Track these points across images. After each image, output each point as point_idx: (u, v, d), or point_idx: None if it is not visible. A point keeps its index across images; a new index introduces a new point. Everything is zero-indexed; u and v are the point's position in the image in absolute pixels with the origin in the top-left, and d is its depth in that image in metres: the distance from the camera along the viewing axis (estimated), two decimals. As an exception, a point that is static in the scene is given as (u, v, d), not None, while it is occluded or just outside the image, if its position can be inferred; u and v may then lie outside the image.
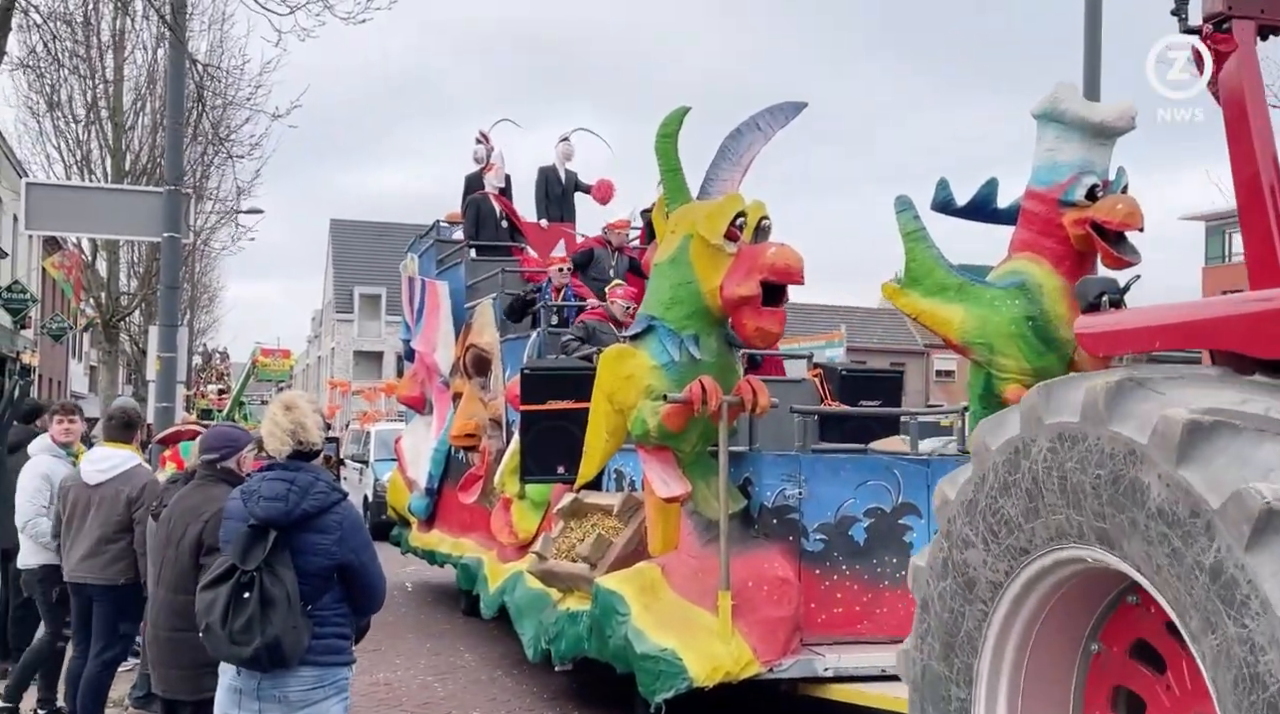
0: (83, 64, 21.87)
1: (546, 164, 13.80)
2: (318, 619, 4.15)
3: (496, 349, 10.96)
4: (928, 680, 3.74)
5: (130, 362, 32.02)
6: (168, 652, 4.96)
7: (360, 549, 4.24)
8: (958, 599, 3.56)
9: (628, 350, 6.74)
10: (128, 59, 22.65)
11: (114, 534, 6.78)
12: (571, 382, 8.55)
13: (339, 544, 4.13)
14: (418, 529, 13.18)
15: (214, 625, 4.05)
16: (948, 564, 3.60)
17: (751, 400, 6.45)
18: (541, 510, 9.67)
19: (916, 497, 6.77)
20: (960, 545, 3.51)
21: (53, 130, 22.71)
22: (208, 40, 22.81)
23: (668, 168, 6.74)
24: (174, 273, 12.58)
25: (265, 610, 3.99)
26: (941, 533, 3.66)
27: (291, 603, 4.01)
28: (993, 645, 3.47)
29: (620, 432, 6.80)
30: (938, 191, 6.99)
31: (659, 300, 6.69)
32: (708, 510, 6.81)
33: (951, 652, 3.62)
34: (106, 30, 22.07)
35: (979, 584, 3.47)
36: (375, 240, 64.15)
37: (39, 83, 22.03)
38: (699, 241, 6.51)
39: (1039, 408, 3.23)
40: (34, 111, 22.80)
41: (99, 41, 21.79)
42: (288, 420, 4.21)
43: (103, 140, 22.73)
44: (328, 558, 4.13)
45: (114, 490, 6.81)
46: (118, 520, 6.77)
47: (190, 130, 18.58)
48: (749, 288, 6.28)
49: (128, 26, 21.98)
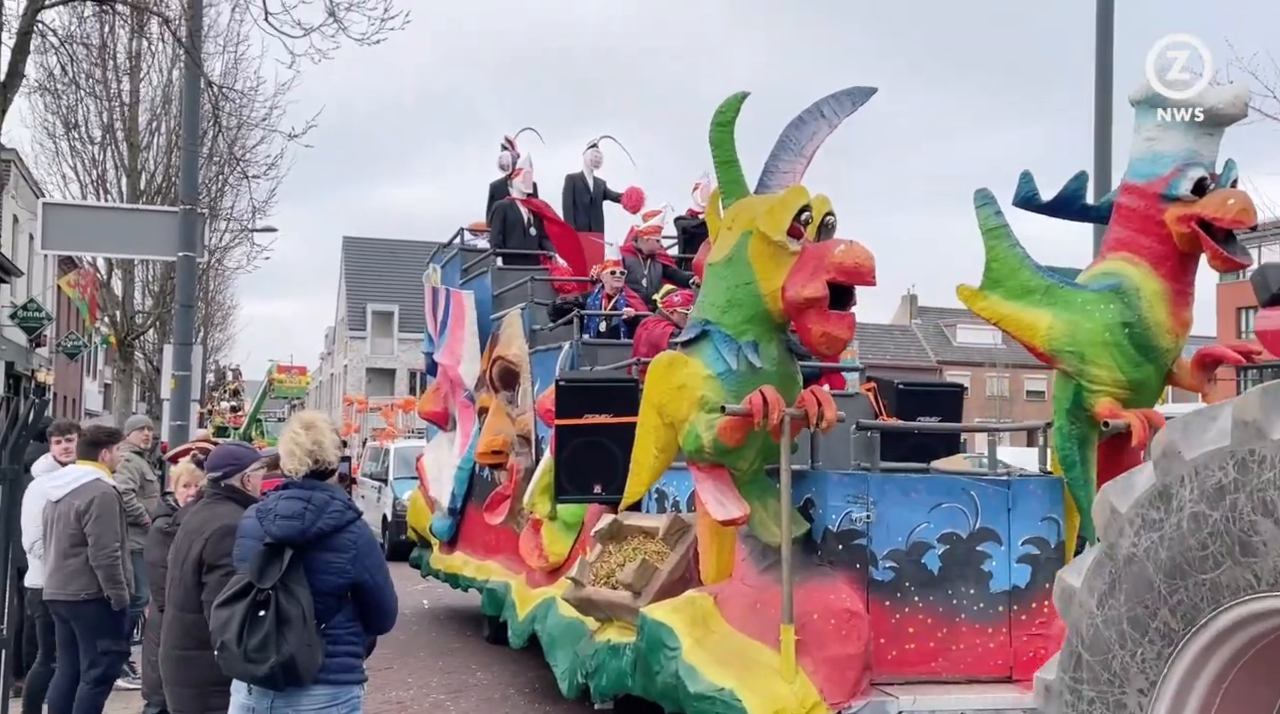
0: (99, 86, 22.12)
1: (574, 172, 13.28)
2: (331, 638, 4.18)
3: (525, 361, 10.36)
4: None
5: (145, 380, 32.21)
6: (178, 670, 4.96)
7: (374, 569, 4.26)
8: (1129, 630, 2.92)
9: (680, 358, 6.12)
10: (143, 80, 22.84)
11: (70, 549, 6.89)
12: (610, 394, 7.97)
13: (353, 563, 4.17)
14: (439, 551, 12.57)
15: (229, 643, 4.06)
16: (1116, 586, 2.95)
17: (816, 413, 5.83)
18: (574, 532, 9.07)
19: (996, 521, 6.13)
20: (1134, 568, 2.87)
21: (69, 151, 22.98)
22: (223, 62, 23.05)
23: (723, 159, 6.15)
24: (189, 292, 12.65)
25: (281, 629, 4.01)
26: (1104, 549, 3.02)
27: (307, 621, 4.04)
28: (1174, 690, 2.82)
29: (671, 447, 6.18)
30: (1021, 185, 6.39)
31: (714, 303, 6.08)
32: (765, 535, 6.19)
33: (1116, 687, 2.97)
34: (123, 52, 22.28)
35: (1161, 617, 2.83)
36: (388, 257, 64.54)
37: (56, 104, 22.30)
38: (758, 239, 5.91)
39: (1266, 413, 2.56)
40: (50, 132, 23.07)
41: (115, 63, 22.01)
42: (308, 439, 4.24)
43: (118, 160, 22.92)
44: (342, 576, 4.17)
45: (68, 505, 6.97)
46: (71, 535, 6.89)
47: (205, 150, 18.96)
48: (815, 289, 5.67)
49: (144, 48, 22.17)
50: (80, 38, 19.62)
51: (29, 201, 27.46)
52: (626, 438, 7.94)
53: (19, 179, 28.05)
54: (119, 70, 22.33)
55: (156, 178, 23.26)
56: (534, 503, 9.31)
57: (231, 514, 4.77)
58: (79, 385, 40.81)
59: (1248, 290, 5.05)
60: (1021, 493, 6.18)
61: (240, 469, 5.16)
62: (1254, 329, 3.71)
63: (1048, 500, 6.22)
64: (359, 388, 59.67)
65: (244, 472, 5.17)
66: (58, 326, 34.25)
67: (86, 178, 23.11)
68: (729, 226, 6.09)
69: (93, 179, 23.12)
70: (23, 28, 11.04)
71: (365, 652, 4.43)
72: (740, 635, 5.95)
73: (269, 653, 3.99)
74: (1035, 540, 6.15)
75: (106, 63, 21.89)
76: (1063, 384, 6.09)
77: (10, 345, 29.23)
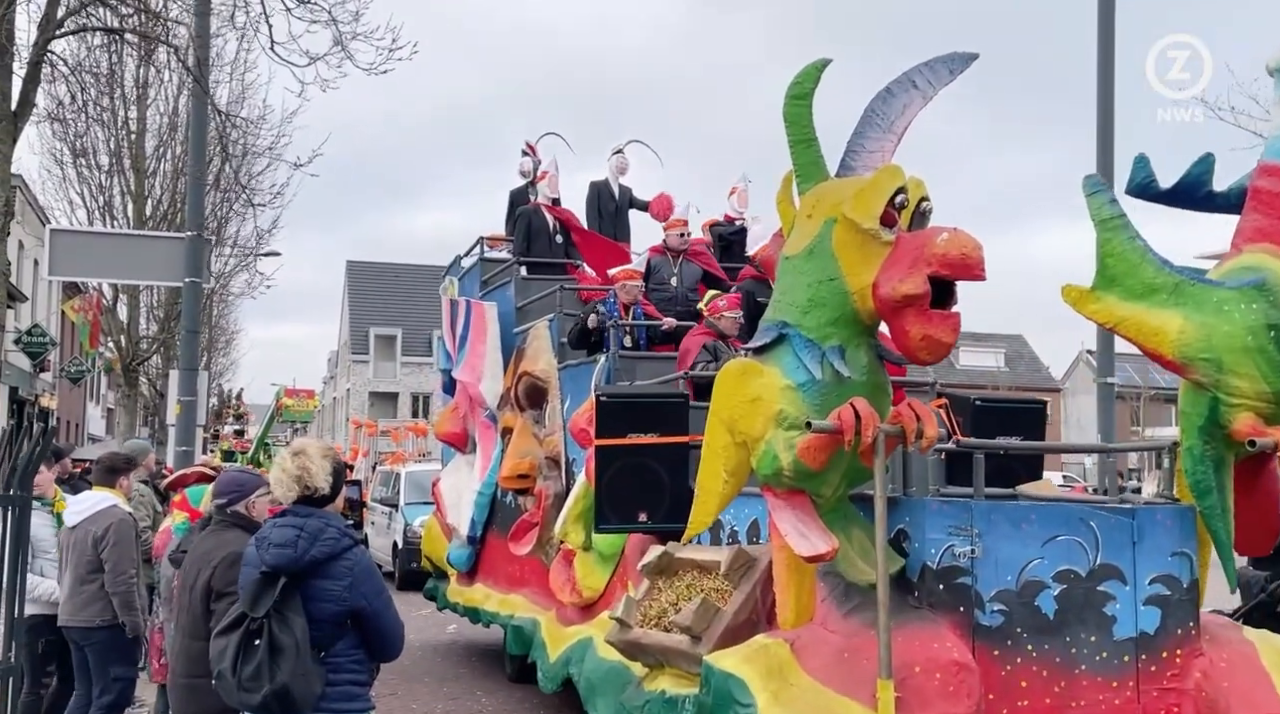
0: (106, 114, 22.33)
1: (598, 178, 12.51)
2: (332, 666, 4.18)
3: (554, 377, 9.54)
4: None
5: (149, 405, 32.07)
6: (185, 698, 4.98)
7: (372, 595, 4.25)
8: None
9: (753, 366, 5.27)
10: (150, 106, 23.14)
11: (87, 575, 6.97)
12: (656, 411, 7.17)
13: (350, 590, 4.16)
14: (457, 582, 11.73)
15: (225, 673, 4.10)
16: None
17: (915, 430, 4.99)
18: (611, 565, 8.24)
19: (1119, 556, 5.28)
20: None
21: (76, 177, 23.27)
22: (229, 89, 23.36)
23: (799, 137, 5.33)
24: (194, 317, 12.72)
25: (274, 657, 4.01)
26: None
27: (300, 650, 4.03)
28: None
29: (742, 471, 5.32)
30: (1135, 171, 5.57)
31: (793, 303, 5.23)
32: (850, 572, 5.34)
33: None
34: (130, 80, 22.43)
35: None
36: (391, 281, 65.42)
37: (64, 131, 22.51)
38: (845, 227, 5.08)
39: None
40: (58, 159, 23.36)
41: (124, 91, 22.16)
42: (295, 466, 4.25)
43: (125, 187, 23.00)
44: (339, 604, 4.16)
45: (84, 531, 7.03)
46: (88, 561, 6.96)
47: (212, 177, 19.06)
48: (914, 285, 4.84)
49: (151, 76, 22.31)
50: (89, 67, 19.87)
51: (35, 228, 27.66)
52: (675, 460, 7.15)
53: (25, 206, 28.28)
54: (126, 98, 22.51)
55: (163, 204, 23.44)
56: (566, 532, 8.49)
57: (238, 541, 4.75)
58: (82, 410, 41.12)
59: None
60: (1148, 524, 5.33)
61: (245, 495, 5.20)
62: None
63: (1178, 532, 5.37)
64: (362, 412, 59.45)
65: (249, 498, 5.20)
66: (62, 351, 34.63)
67: (93, 204, 23.28)
68: (808, 214, 5.26)
69: (99, 205, 23.27)
70: (33, 58, 11.02)
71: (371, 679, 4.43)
72: (826, 690, 5.09)
73: (262, 682, 3.99)
74: (1165, 579, 5.30)
75: (115, 90, 22.03)
76: (1194, 398, 5.25)
77: (14, 370, 29.27)
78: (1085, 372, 55.17)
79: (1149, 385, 51.73)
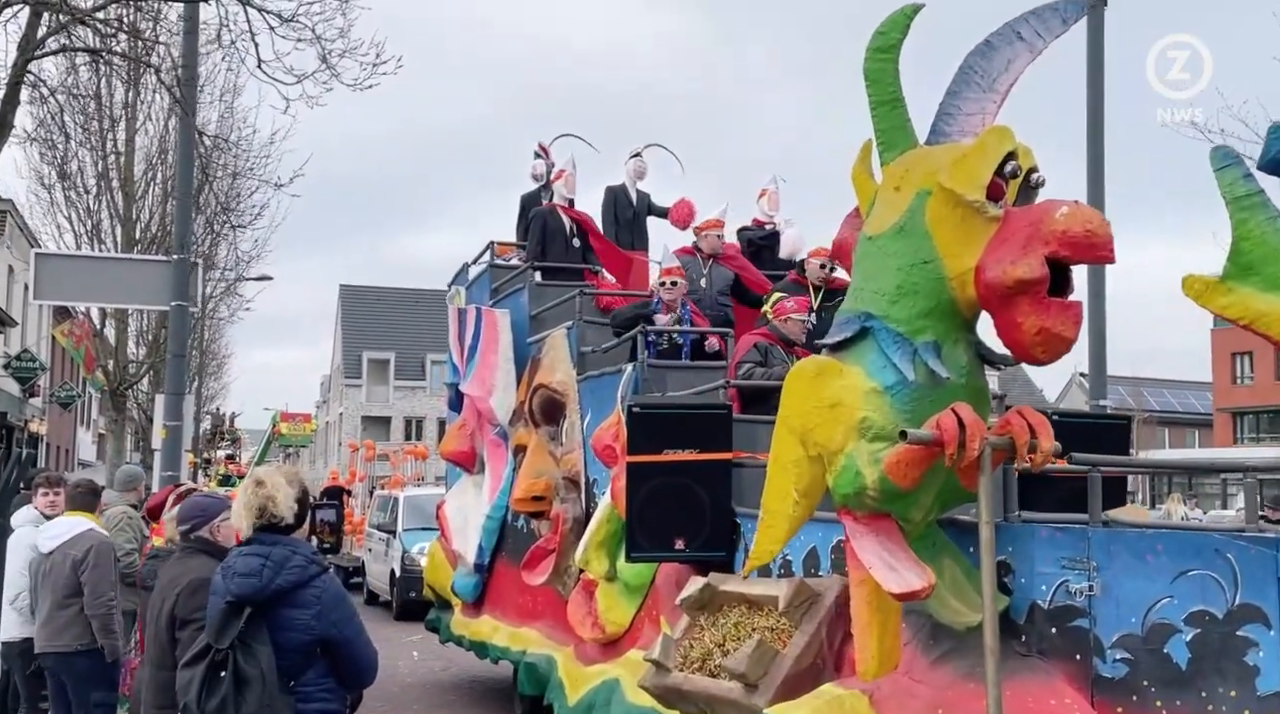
0: (94, 137, 22.27)
1: (615, 183, 11.72)
2: (302, 695, 4.12)
3: (573, 389, 8.72)
4: None
5: (138, 429, 31.68)
6: None
7: (342, 623, 4.20)
8: None
9: (831, 365, 4.44)
10: (139, 129, 22.98)
11: (64, 599, 6.90)
12: (697, 424, 6.38)
13: (318, 618, 4.11)
14: (462, 613, 10.86)
15: (190, 705, 4.06)
16: None
17: (1027, 442, 4.18)
18: (638, 597, 7.42)
19: (1262, 595, 4.41)
20: None
21: (63, 200, 23.08)
22: (218, 111, 23.47)
23: (883, 97, 4.53)
24: (181, 341, 12.61)
25: (240, 689, 3.97)
26: None
27: (267, 681, 3.98)
28: None
29: (817, 489, 4.48)
30: (1269, 143, 4.76)
31: (878, 290, 4.42)
32: (942, 612, 4.52)
33: None
34: (119, 102, 22.31)
35: None
36: (384, 305, 65.79)
37: (50, 154, 22.37)
38: (943, 201, 4.28)
39: None
40: (45, 182, 23.18)
41: (111, 113, 22.08)
42: (257, 497, 4.21)
43: (113, 210, 22.90)
44: (307, 633, 4.11)
45: (63, 555, 6.96)
46: (65, 585, 6.90)
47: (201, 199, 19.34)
48: (1029, 267, 4.04)
49: (138, 98, 22.23)
50: (72, 88, 19.87)
51: (24, 251, 27.39)
52: (717, 480, 6.36)
53: (14, 229, 28.11)
54: (114, 120, 22.43)
55: (152, 227, 23.37)
56: (588, 560, 7.66)
57: (204, 567, 4.66)
58: (72, 435, 40.98)
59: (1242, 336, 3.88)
60: (1294, 555, 4.50)
61: (208, 520, 5.08)
62: None
63: (1332, 566, 4.53)
64: (355, 435, 58.84)
65: (212, 522, 5.08)
66: (51, 376, 34.67)
67: (81, 227, 23.15)
68: (896, 186, 4.46)
69: (87, 229, 23.10)
70: (12, 79, 10.91)
71: (349, 707, 4.42)
72: (915, 754, 4.26)
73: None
74: (1317, 622, 4.46)
75: (102, 113, 21.97)
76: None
77: (3, 395, 28.90)
78: (1078, 393, 54.42)
79: (1142, 408, 50.97)
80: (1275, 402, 47.58)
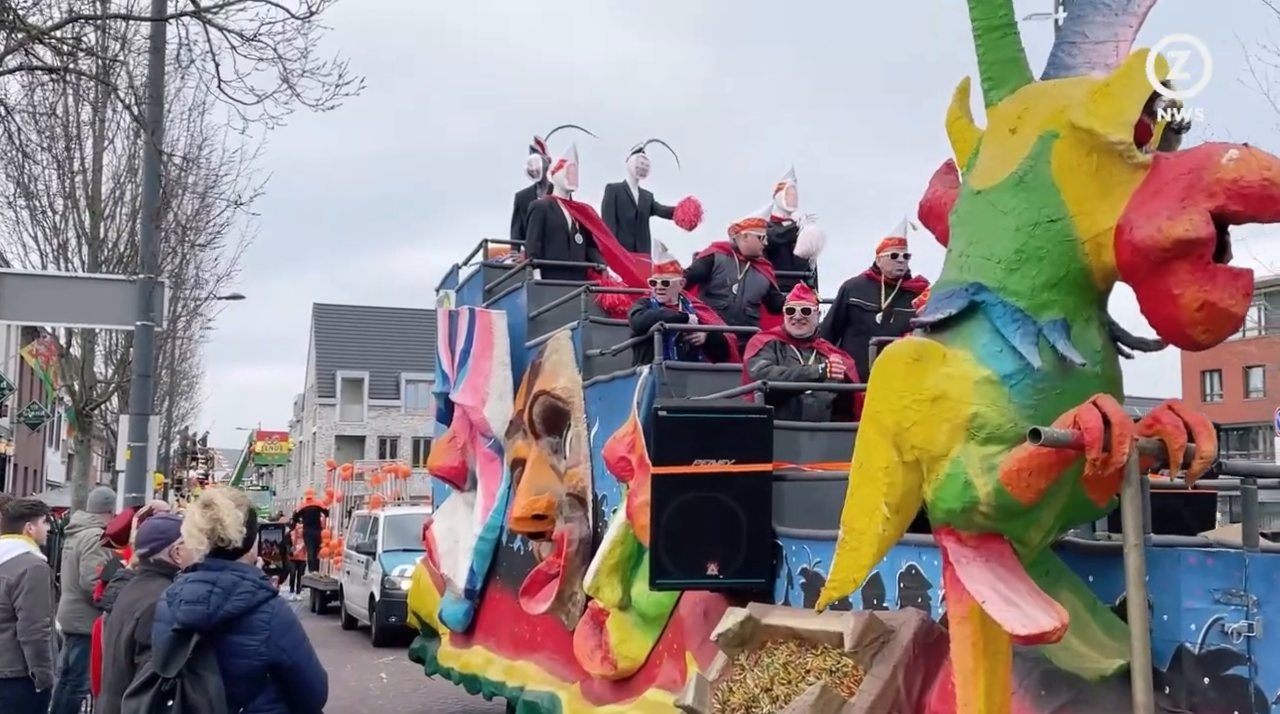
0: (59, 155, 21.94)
1: (616, 181, 10.91)
2: None
3: (578, 396, 7.85)
4: None
5: (108, 450, 30.91)
6: None
7: (291, 648, 4.14)
8: None
9: (931, 349, 3.57)
10: (107, 148, 22.67)
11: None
12: (732, 430, 5.54)
13: (267, 644, 4.06)
14: (450, 643, 9.96)
15: None
16: None
17: (1182, 446, 3.33)
18: (656, 629, 6.57)
19: None
20: None
21: (29, 219, 22.59)
22: (186, 129, 23.27)
23: (990, 21, 3.70)
24: (146, 361, 12.52)
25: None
26: None
27: (215, 709, 3.92)
28: None
29: (911, 501, 3.60)
30: None
31: (990, 255, 3.56)
32: (1059, 655, 3.66)
33: None
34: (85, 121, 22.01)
35: None
36: (358, 324, 65.60)
37: (17, 173, 21.84)
38: (1075, 144, 3.44)
39: None
40: (9, 201, 22.62)
41: (78, 132, 21.84)
42: (204, 519, 4.16)
43: (80, 229, 22.51)
44: (256, 659, 4.06)
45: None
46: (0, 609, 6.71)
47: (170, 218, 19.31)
48: (1190, 224, 3.21)
49: (107, 116, 21.79)
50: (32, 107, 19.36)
51: None
52: (755, 495, 5.53)
53: None
54: (81, 139, 22.10)
55: (120, 245, 22.98)
56: (598, 586, 6.80)
57: (163, 590, 4.45)
58: (41, 456, 39.96)
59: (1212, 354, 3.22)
60: None
61: (167, 543, 5.03)
62: None
63: None
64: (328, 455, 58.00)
65: (171, 545, 5.01)
66: (20, 396, 33.87)
67: (47, 246, 22.62)
68: (1011, 128, 3.61)
69: (54, 248, 22.59)
70: None
71: None
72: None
73: None
74: None
75: (68, 131, 21.62)
76: None
77: None
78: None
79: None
80: (1244, 419, 47.05)
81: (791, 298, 7.05)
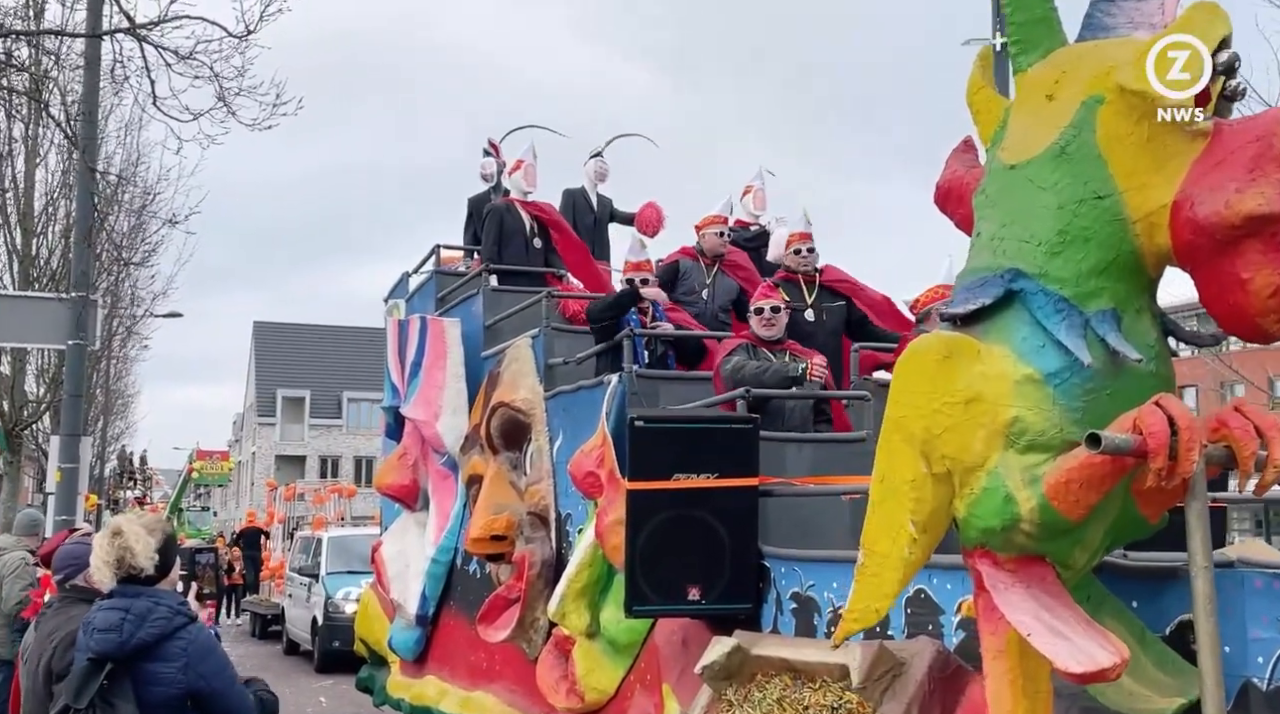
0: None
1: (574, 186, 10.47)
2: None
3: (540, 408, 7.37)
4: None
5: (39, 470, 30.21)
6: None
7: (211, 675, 4.01)
8: None
9: (963, 344, 3.13)
10: (39, 164, 22.32)
11: None
12: (715, 441, 5.07)
13: (185, 671, 3.95)
14: (401, 672, 9.40)
15: None
16: None
17: (1252, 452, 2.93)
18: (627, 659, 6.10)
19: None
20: None
21: None
22: (123, 146, 23.09)
23: None
24: (78, 381, 12.37)
25: None
26: None
27: None
28: None
29: (941, 520, 3.16)
30: None
31: (1029, 237, 3.13)
32: (1106, 691, 3.23)
33: None
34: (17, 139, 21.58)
35: None
36: (299, 342, 64.28)
37: None
38: (1123, 110, 3.03)
39: None
40: None
41: (9, 149, 21.45)
42: (111, 549, 4.05)
43: (11, 246, 22.15)
44: (174, 687, 3.93)
45: None
46: None
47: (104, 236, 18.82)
48: (1261, 198, 2.81)
49: (40, 133, 21.47)
50: None
51: None
52: (741, 512, 5.06)
53: None
54: (13, 155, 21.66)
55: (53, 263, 22.57)
56: (564, 613, 6.31)
57: (83, 617, 4.40)
58: None
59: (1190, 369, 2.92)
60: None
61: (81, 568, 4.84)
62: None
63: None
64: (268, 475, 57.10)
65: (86, 570, 4.73)
66: None
67: None
68: (1048, 94, 3.20)
69: None
70: None
71: None
72: None
73: None
74: None
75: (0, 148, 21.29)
76: None
77: None
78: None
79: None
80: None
81: (759, 297, 6.59)
